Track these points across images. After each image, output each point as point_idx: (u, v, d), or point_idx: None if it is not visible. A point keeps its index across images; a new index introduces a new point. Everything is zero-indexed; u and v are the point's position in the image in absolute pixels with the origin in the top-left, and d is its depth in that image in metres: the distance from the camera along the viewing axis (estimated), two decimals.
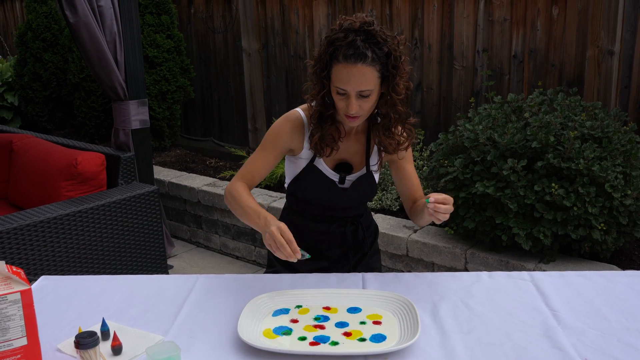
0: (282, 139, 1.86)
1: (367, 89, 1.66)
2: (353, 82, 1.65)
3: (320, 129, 1.80)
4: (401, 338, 1.47)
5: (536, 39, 3.62)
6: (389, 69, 1.67)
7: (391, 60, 1.66)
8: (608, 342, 1.46)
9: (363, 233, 2.01)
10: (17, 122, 6.01)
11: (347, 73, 1.65)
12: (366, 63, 1.63)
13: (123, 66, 3.49)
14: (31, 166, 3.35)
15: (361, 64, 1.63)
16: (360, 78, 1.64)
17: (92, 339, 1.35)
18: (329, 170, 1.88)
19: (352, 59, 1.63)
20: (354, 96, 1.67)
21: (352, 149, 1.89)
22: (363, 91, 1.66)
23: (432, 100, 4.11)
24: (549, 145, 2.80)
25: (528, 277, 1.80)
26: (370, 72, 1.64)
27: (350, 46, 1.63)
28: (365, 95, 1.68)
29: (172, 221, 4.48)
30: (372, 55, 1.63)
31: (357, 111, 1.69)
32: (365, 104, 1.70)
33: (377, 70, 1.65)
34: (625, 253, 3.00)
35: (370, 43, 1.64)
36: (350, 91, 1.67)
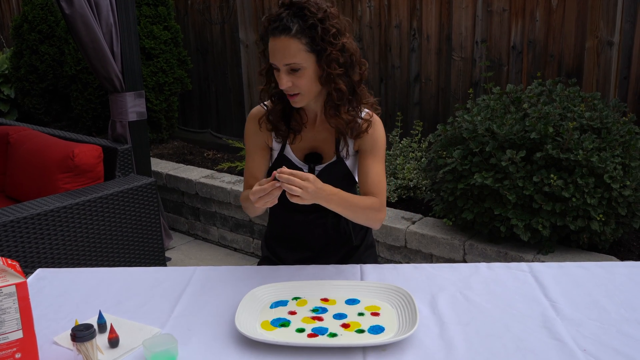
0: (253, 137, 1.87)
1: (293, 62, 1.63)
2: (279, 55, 1.64)
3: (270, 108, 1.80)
4: (399, 329, 1.46)
5: (535, 29, 3.61)
6: (318, 42, 1.64)
7: (318, 32, 1.63)
8: (607, 333, 1.45)
9: (347, 226, 1.96)
10: (13, 115, 5.99)
11: (273, 46, 1.64)
12: (289, 35, 1.62)
13: (119, 57, 3.47)
14: (28, 159, 3.33)
15: (285, 37, 1.62)
16: (284, 51, 1.63)
17: (89, 331, 1.34)
18: (297, 160, 1.85)
19: (277, 31, 1.63)
20: (283, 71, 1.65)
21: (320, 137, 1.84)
22: (290, 64, 1.64)
23: (431, 91, 4.09)
24: (548, 136, 2.79)
25: (527, 268, 1.80)
26: (295, 45, 1.62)
27: (276, 19, 1.63)
28: (295, 69, 1.65)
29: (170, 213, 4.47)
30: (296, 28, 1.62)
31: (290, 87, 1.67)
32: (299, 81, 1.66)
33: (303, 43, 1.63)
34: (624, 244, 3.00)
35: (297, 16, 1.62)
36: (279, 65, 1.65)
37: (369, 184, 1.79)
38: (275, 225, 2.03)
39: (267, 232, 2.08)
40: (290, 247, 1.99)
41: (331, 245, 1.96)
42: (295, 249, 1.97)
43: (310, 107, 1.81)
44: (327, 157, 1.84)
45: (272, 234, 2.04)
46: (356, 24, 4.32)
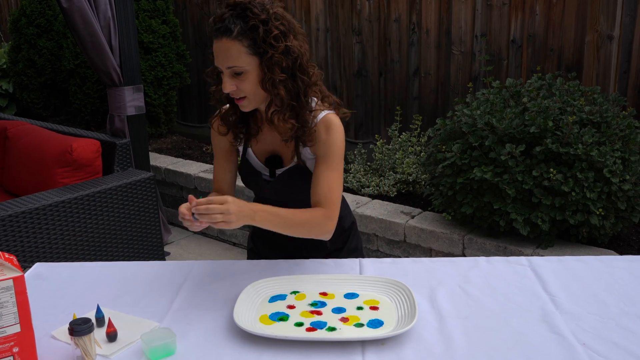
0: (215, 140, 1.84)
1: (235, 65, 1.58)
2: (220, 58, 1.59)
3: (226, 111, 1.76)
4: (398, 323, 1.46)
5: (535, 23, 3.60)
6: (259, 45, 1.57)
7: (259, 34, 1.56)
8: (607, 327, 1.45)
9: None
10: (12, 109, 5.97)
11: (216, 49, 1.60)
12: (231, 37, 1.56)
13: (118, 51, 3.45)
14: (26, 153, 3.32)
15: (226, 39, 1.57)
16: (225, 53, 1.58)
17: (87, 325, 1.33)
18: (258, 162, 1.81)
19: (218, 33, 1.58)
20: (227, 74, 1.60)
21: (278, 140, 1.76)
22: (232, 68, 1.58)
23: (430, 85, 4.08)
24: (548, 130, 2.78)
25: (526, 262, 1.79)
26: (236, 47, 1.57)
27: (219, 20, 1.59)
28: (237, 72, 1.59)
29: (169, 208, 4.47)
30: (238, 30, 1.56)
31: (234, 91, 1.62)
32: (243, 85, 1.60)
33: (244, 45, 1.57)
34: (623, 238, 3.00)
35: (239, 17, 1.57)
36: (222, 68, 1.60)
37: (317, 194, 1.70)
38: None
39: (252, 227, 2.05)
40: (269, 245, 1.95)
41: (305, 250, 1.88)
42: (273, 247, 1.93)
43: (263, 110, 1.73)
44: (287, 160, 1.78)
45: (255, 231, 2.01)
46: (355, 17, 4.30)
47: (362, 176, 3.81)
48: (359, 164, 3.97)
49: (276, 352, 1.38)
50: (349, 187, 3.76)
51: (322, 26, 4.49)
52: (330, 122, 1.70)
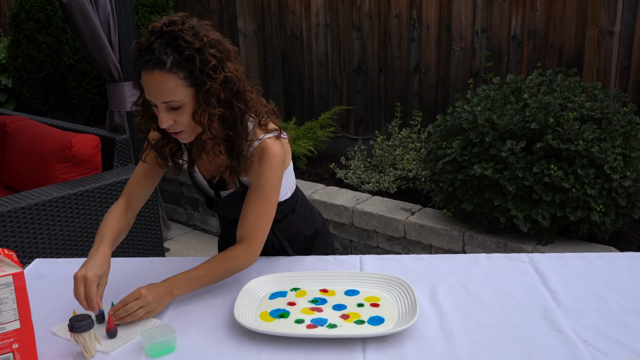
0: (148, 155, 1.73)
1: (171, 99, 1.44)
2: (155, 93, 1.45)
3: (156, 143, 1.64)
4: (399, 320, 1.45)
5: (536, 19, 3.58)
6: (196, 76, 1.44)
7: (197, 65, 1.43)
8: (607, 324, 1.45)
9: (278, 240, 1.85)
10: (11, 104, 5.96)
11: (147, 81, 1.45)
12: (164, 70, 1.42)
13: (117, 47, 3.44)
14: (25, 149, 3.31)
15: (159, 71, 1.42)
16: (160, 87, 1.44)
17: (87, 322, 1.33)
18: (203, 182, 1.75)
19: (149, 65, 1.43)
20: (162, 109, 1.46)
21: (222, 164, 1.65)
22: (169, 102, 1.45)
23: (430, 81, 4.07)
24: (548, 126, 2.77)
25: (527, 259, 1.79)
26: (172, 81, 1.43)
27: (147, 51, 1.44)
28: (174, 107, 1.46)
29: (169, 204, 4.46)
30: (171, 61, 1.42)
31: (172, 126, 1.49)
32: (180, 118, 1.48)
33: (181, 78, 1.43)
34: (624, 234, 2.99)
35: (170, 46, 1.43)
36: (156, 102, 1.46)
37: (243, 229, 1.63)
38: (221, 225, 2.00)
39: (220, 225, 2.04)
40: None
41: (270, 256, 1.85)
42: None
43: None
44: (230, 184, 1.68)
45: (221, 229, 2.01)
46: (355, 13, 4.29)
47: (362, 172, 3.80)
48: (359, 160, 3.96)
49: (277, 349, 1.38)
50: (349, 183, 3.76)
51: (322, 22, 4.48)
52: (265, 151, 1.58)
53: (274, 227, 1.81)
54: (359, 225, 3.39)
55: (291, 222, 1.88)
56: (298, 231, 1.90)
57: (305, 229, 1.92)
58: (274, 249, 1.87)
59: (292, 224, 1.88)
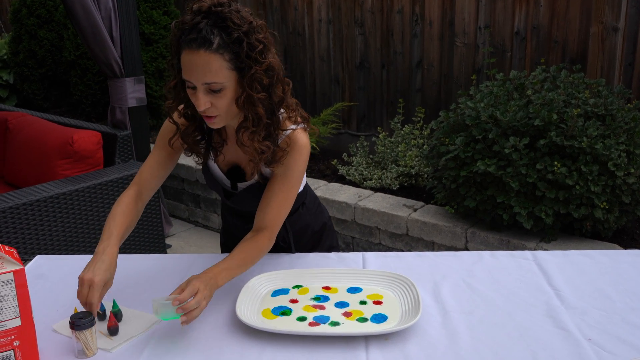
0: (167, 136, 1.68)
1: (214, 81, 1.42)
2: (197, 73, 1.41)
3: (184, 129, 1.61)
4: (402, 318, 1.44)
5: (539, 14, 3.56)
6: (242, 59, 1.42)
7: (244, 48, 1.41)
8: (612, 322, 1.43)
9: (287, 235, 1.83)
10: (12, 100, 5.95)
11: (190, 61, 1.41)
12: (210, 50, 1.39)
13: (119, 42, 3.43)
14: (27, 145, 3.31)
15: (204, 51, 1.39)
16: (204, 68, 1.40)
17: (88, 319, 1.32)
18: (220, 174, 1.73)
19: (194, 44, 1.39)
20: (201, 90, 1.43)
21: (240, 154, 1.66)
22: (210, 84, 1.42)
23: (433, 77, 4.05)
24: (552, 123, 2.76)
25: (530, 257, 1.78)
26: (217, 62, 1.40)
27: (193, 30, 1.40)
28: (215, 89, 1.43)
29: (170, 200, 4.46)
30: (218, 42, 1.39)
31: (208, 109, 1.46)
32: (219, 101, 1.45)
33: (226, 59, 1.41)
34: (627, 232, 2.98)
35: (218, 27, 1.40)
36: (196, 83, 1.43)
37: (265, 216, 1.62)
38: (225, 220, 1.97)
39: (222, 222, 2.03)
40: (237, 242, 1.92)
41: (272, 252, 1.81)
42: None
43: (229, 125, 1.64)
44: (249, 174, 1.69)
45: (225, 226, 1.99)
46: (358, 9, 4.27)
47: (364, 169, 3.79)
48: (361, 157, 3.95)
49: (279, 346, 1.37)
50: (351, 180, 3.75)
51: (325, 17, 4.46)
52: (295, 142, 1.59)
53: (285, 221, 1.75)
54: (361, 222, 3.38)
55: (301, 216, 1.87)
56: (308, 224, 1.89)
57: (314, 223, 1.91)
58: (284, 243, 1.85)
59: (302, 218, 1.87)
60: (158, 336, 1.43)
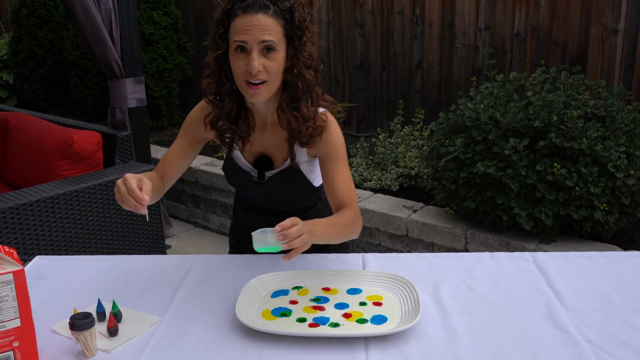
0: (192, 128, 1.75)
1: (270, 39, 1.50)
2: (254, 32, 1.49)
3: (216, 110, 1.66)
4: (402, 319, 1.44)
5: (539, 16, 3.57)
6: (293, 28, 1.54)
7: (295, 18, 1.54)
8: (612, 324, 1.43)
9: None
10: (12, 101, 5.95)
11: (248, 22, 1.50)
12: (268, 14, 1.50)
13: (119, 43, 3.43)
14: (27, 145, 3.31)
15: (262, 14, 1.50)
16: (262, 27, 1.49)
17: (88, 320, 1.32)
18: (246, 164, 1.75)
19: (252, 9, 1.50)
20: (256, 50, 1.50)
21: (270, 142, 1.71)
22: (266, 42, 1.50)
23: (433, 79, 4.06)
24: (552, 124, 2.76)
25: (530, 258, 1.77)
26: (273, 23, 1.51)
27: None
28: (270, 47, 1.51)
29: (170, 201, 4.46)
30: (274, 9, 1.51)
31: (260, 71, 1.51)
32: (271, 65, 1.52)
33: (280, 25, 1.52)
34: (627, 233, 2.98)
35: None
36: (252, 42, 1.50)
37: (339, 195, 1.66)
38: (238, 220, 1.98)
39: (233, 223, 2.03)
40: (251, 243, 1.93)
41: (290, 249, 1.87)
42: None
43: (260, 110, 1.68)
44: (278, 162, 1.73)
45: (236, 227, 1.99)
46: (358, 10, 4.27)
47: (364, 170, 3.79)
48: (361, 158, 3.95)
49: (278, 347, 1.37)
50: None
51: (325, 18, 4.46)
52: (330, 120, 1.66)
53: (304, 216, 1.78)
54: None
55: (320, 211, 1.89)
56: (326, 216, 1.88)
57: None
58: None
59: (320, 212, 1.88)
60: (158, 337, 1.42)
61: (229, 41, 1.54)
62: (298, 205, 1.84)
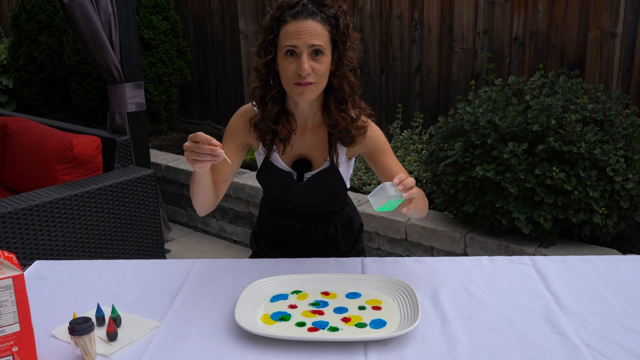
0: (235, 133, 1.78)
1: (319, 43, 1.59)
2: (305, 37, 1.58)
3: (262, 112, 1.71)
4: (401, 324, 1.44)
5: (537, 20, 3.58)
6: (338, 34, 1.63)
7: (340, 24, 1.63)
8: (611, 328, 1.44)
9: (337, 232, 1.92)
10: (12, 105, 5.96)
11: (298, 28, 1.58)
12: (316, 20, 1.59)
13: (118, 48, 3.44)
14: (26, 150, 3.31)
15: (311, 20, 1.59)
16: (311, 32, 1.58)
17: (87, 325, 1.32)
18: (285, 166, 1.79)
19: (301, 15, 1.59)
20: (306, 53, 1.58)
21: (309, 143, 1.78)
22: (315, 46, 1.58)
23: (432, 83, 4.06)
24: (550, 128, 2.76)
25: (529, 262, 1.78)
26: (322, 29, 1.60)
27: (297, 5, 1.61)
28: (318, 51, 1.59)
29: (170, 205, 4.46)
30: (321, 15, 1.60)
31: (309, 74, 1.59)
32: (318, 67, 1.60)
33: (327, 30, 1.61)
34: (626, 237, 2.98)
35: (318, 5, 1.62)
36: (302, 46, 1.58)
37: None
38: (263, 227, 2.00)
39: (255, 231, 2.04)
40: (278, 249, 1.96)
41: (319, 253, 1.90)
42: (284, 253, 1.93)
43: (303, 112, 1.74)
44: (317, 164, 1.79)
45: (261, 234, 2.01)
46: (357, 14, 4.28)
47: (364, 174, 3.79)
48: (360, 162, 3.95)
49: (278, 352, 1.37)
50: (351, 185, 3.75)
51: None
52: (367, 121, 1.77)
53: (334, 219, 1.92)
54: None
55: (346, 213, 1.98)
56: (352, 219, 2.00)
57: (356, 220, 2.03)
58: (334, 241, 1.93)
59: (346, 214, 1.98)
60: (157, 342, 1.42)
61: (278, 46, 1.62)
62: (329, 208, 1.92)
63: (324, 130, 1.77)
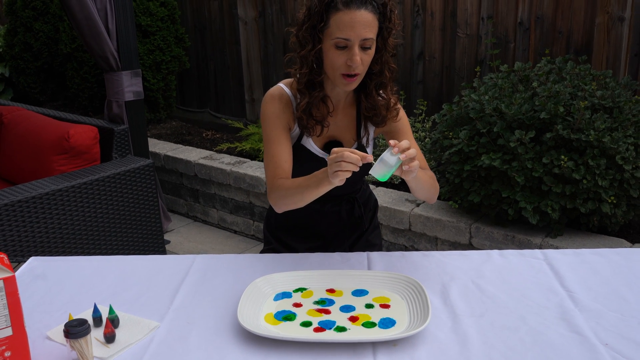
0: (279, 119, 1.71)
1: (370, 37, 1.56)
2: (358, 28, 1.54)
3: (308, 98, 1.68)
4: (411, 323, 1.39)
5: (543, 4, 3.49)
6: (385, 21, 1.60)
7: (388, 11, 1.59)
8: (629, 326, 1.38)
9: (360, 210, 1.93)
10: (8, 94, 5.88)
11: (351, 19, 1.53)
12: (368, 9, 1.55)
13: (115, 35, 3.36)
14: (22, 140, 3.24)
15: (365, 10, 1.54)
16: (365, 24, 1.54)
17: (83, 327, 1.26)
18: (317, 149, 1.77)
19: (354, 5, 1.53)
20: (357, 45, 1.56)
21: (340, 124, 1.78)
22: (366, 40, 1.56)
23: (435, 69, 3.99)
24: (558, 115, 2.70)
25: (541, 256, 1.72)
26: (373, 20, 1.56)
27: None
28: (367, 46, 1.58)
29: (169, 195, 4.40)
30: (373, 4, 1.56)
31: (358, 65, 1.57)
32: (365, 58, 1.59)
33: (377, 19, 1.58)
34: (634, 226, 2.93)
35: None
36: (354, 39, 1.55)
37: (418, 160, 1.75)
38: (284, 215, 1.92)
39: (271, 223, 1.99)
40: (301, 236, 1.93)
41: (343, 232, 1.92)
42: (307, 238, 1.92)
43: (337, 94, 1.73)
44: (347, 144, 1.80)
45: (280, 224, 1.96)
46: None
47: None
48: None
49: (283, 353, 1.31)
50: None
51: None
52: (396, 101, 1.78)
53: (355, 197, 1.92)
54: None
55: (364, 192, 1.99)
56: (370, 195, 2.01)
57: (371, 195, 2.04)
58: (359, 219, 1.93)
59: (366, 195, 2.00)
60: (157, 343, 1.37)
61: (327, 34, 1.58)
62: (353, 187, 1.90)
63: (353, 110, 1.78)
